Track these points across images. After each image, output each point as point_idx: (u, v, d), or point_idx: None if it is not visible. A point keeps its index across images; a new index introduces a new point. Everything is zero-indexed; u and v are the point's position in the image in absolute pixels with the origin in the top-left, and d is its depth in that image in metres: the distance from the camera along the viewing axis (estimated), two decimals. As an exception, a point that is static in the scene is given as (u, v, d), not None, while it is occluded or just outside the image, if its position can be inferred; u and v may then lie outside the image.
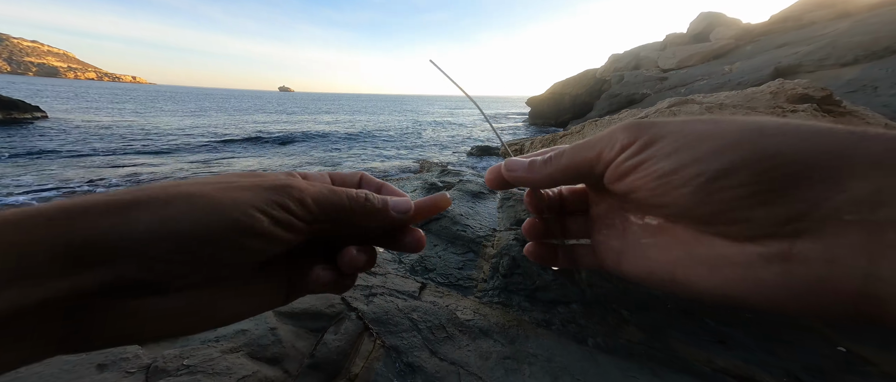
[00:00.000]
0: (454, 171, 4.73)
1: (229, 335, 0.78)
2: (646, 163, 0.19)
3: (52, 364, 0.62)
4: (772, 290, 0.16)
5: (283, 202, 0.21)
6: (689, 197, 0.18)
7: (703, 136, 0.18)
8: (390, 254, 2.16)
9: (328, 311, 1.05)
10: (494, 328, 1.23)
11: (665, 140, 0.19)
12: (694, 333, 1.15)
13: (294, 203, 0.22)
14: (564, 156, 0.24)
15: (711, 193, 0.17)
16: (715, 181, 0.17)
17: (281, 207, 0.21)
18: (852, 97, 5.79)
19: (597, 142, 0.22)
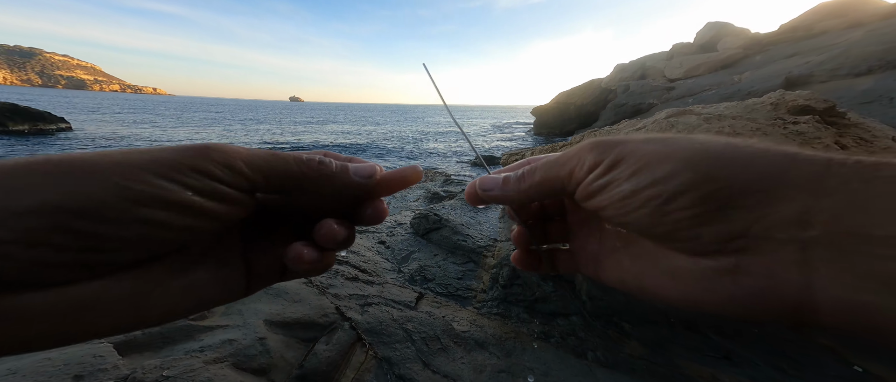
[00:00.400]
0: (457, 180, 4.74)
1: (215, 345, 0.78)
2: (610, 184, 0.21)
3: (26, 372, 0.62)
4: (724, 299, 0.18)
5: (203, 167, 0.18)
6: (647, 217, 0.19)
7: (658, 158, 0.19)
8: (390, 264, 2.15)
9: (321, 321, 1.04)
10: (491, 340, 1.21)
11: (626, 161, 0.20)
12: (698, 348, 1.11)
13: (218, 168, 0.19)
14: (537, 172, 0.25)
15: (665, 214, 0.19)
16: (668, 203, 0.19)
17: (201, 173, 0.18)
18: (867, 108, 5.64)
19: (567, 159, 0.23)
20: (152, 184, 0.17)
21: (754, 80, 9.40)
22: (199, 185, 0.18)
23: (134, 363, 0.69)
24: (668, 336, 1.19)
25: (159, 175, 0.17)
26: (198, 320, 0.86)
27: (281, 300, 1.08)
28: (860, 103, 5.92)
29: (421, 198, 3.55)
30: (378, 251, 2.21)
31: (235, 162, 0.19)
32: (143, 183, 0.16)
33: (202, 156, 0.18)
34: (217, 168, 0.19)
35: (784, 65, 9.89)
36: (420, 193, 3.82)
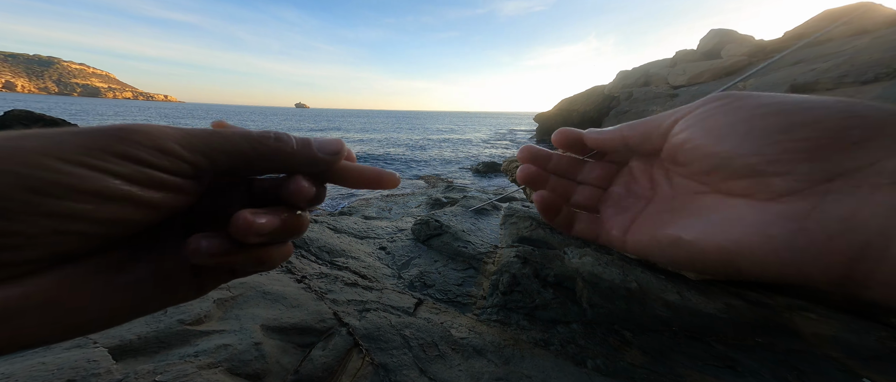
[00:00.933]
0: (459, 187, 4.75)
1: (209, 349, 0.78)
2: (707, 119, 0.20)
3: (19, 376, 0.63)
4: (773, 248, 0.16)
5: (128, 151, 0.16)
6: (741, 144, 0.18)
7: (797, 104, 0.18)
8: (390, 269, 2.15)
9: (318, 326, 1.04)
10: (489, 347, 1.19)
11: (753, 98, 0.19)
12: (700, 357, 1.09)
13: (147, 151, 0.17)
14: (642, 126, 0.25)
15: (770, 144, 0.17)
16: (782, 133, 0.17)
17: (124, 157, 0.16)
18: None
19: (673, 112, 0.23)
20: (58, 171, 0.15)
21: (759, 87, 9.36)
22: (126, 172, 0.16)
23: (127, 367, 0.69)
24: (670, 344, 1.17)
25: (72, 162, 0.15)
26: (194, 325, 0.86)
27: (279, 305, 1.08)
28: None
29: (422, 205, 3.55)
30: (378, 257, 2.21)
31: (166, 143, 0.17)
32: (49, 171, 0.14)
33: (123, 139, 0.16)
34: (145, 151, 0.17)
35: (789, 73, 9.84)
36: (422, 199, 3.83)
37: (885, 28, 11.00)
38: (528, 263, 1.90)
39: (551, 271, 1.81)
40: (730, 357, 1.06)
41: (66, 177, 0.15)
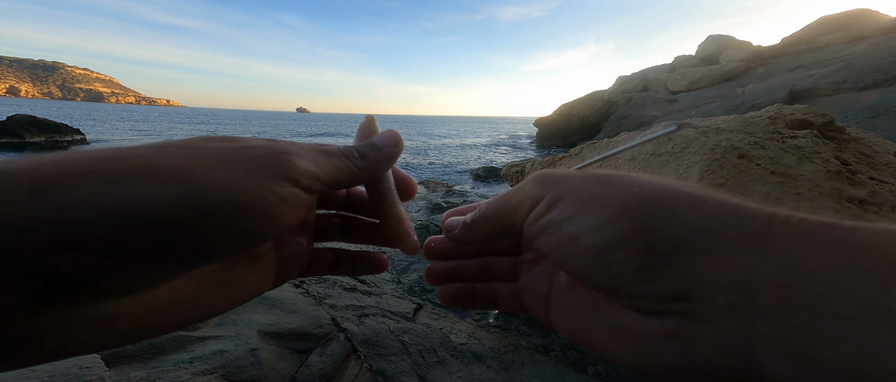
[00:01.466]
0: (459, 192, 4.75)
1: (205, 356, 0.77)
2: (551, 226, 0.19)
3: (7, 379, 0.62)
4: (668, 365, 0.16)
5: (287, 173, 0.18)
6: (589, 267, 0.17)
7: (595, 201, 0.17)
8: (389, 274, 2.13)
9: (316, 331, 1.03)
10: (489, 353, 1.18)
11: (565, 201, 0.18)
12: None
13: (302, 175, 0.18)
14: (490, 206, 0.23)
15: (605, 265, 0.17)
16: (606, 254, 0.16)
17: (285, 180, 0.17)
18: (874, 123, 5.58)
19: (515, 192, 0.21)
20: (251, 197, 0.16)
21: (757, 93, 9.40)
22: (287, 194, 0.18)
23: (120, 374, 0.68)
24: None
25: (256, 185, 0.16)
26: (190, 330, 0.85)
27: (276, 310, 1.07)
28: (866, 117, 5.87)
29: (422, 209, 3.55)
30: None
31: (311, 166, 0.19)
32: (244, 195, 0.16)
33: (286, 164, 0.18)
34: (300, 173, 0.18)
35: (787, 78, 9.90)
36: (422, 204, 3.82)
37: (883, 34, 11.09)
38: (528, 268, 1.89)
39: (552, 276, 1.80)
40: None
41: (254, 202, 0.16)
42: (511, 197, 0.22)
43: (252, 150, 0.18)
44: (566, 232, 0.18)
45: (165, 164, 0.15)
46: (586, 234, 0.17)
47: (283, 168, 0.18)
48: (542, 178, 0.20)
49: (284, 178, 0.18)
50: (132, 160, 0.15)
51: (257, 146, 0.18)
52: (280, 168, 0.18)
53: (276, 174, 0.17)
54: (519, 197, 0.21)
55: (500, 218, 0.22)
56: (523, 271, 0.25)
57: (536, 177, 0.20)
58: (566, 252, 0.18)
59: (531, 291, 0.24)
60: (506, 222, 0.22)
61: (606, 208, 0.17)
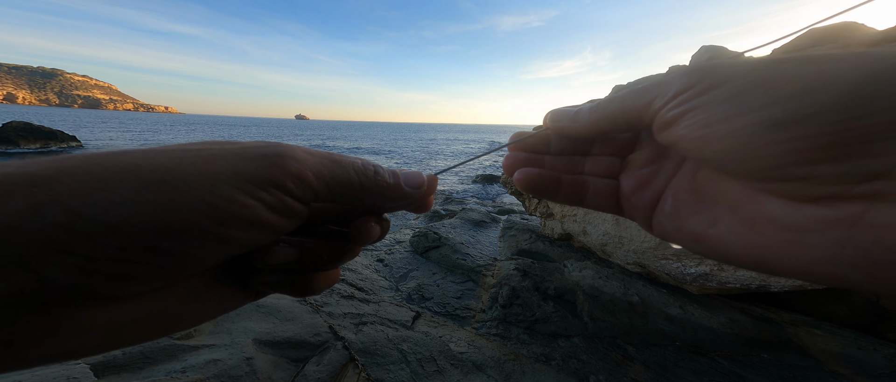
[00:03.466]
0: (458, 199, 4.75)
1: (198, 365, 0.75)
2: (693, 110, 0.17)
3: None
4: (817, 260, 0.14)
5: (277, 180, 0.17)
6: (739, 146, 0.15)
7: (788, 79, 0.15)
8: (388, 282, 2.11)
9: (313, 340, 1.01)
10: (489, 362, 1.16)
11: (729, 84, 0.16)
12: (705, 373, 1.06)
13: (292, 181, 0.17)
14: (613, 102, 0.21)
15: (770, 143, 0.14)
16: (778, 129, 0.14)
17: (275, 187, 0.17)
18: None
19: (650, 88, 0.19)
20: (237, 203, 0.16)
21: (750, 102, 9.57)
22: (273, 201, 0.17)
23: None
24: (674, 359, 1.14)
25: (243, 190, 0.16)
26: (183, 339, 0.83)
27: (272, 318, 1.05)
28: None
29: (420, 217, 3.54)
30: (376, 269, 2.17)
31: (307, 174, 0.18)
32: (228, 201, 0.15)
33: (279, 169, 0.17)
34: (291, 181, 0.17)
35: (779, 88, 10.10)
36: (420, 210, 3.81)
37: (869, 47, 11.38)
38: (527, 276, 1.87)
39: (551, 284, 1.79)
40: (735, 374, 1.04)
41: (239, 208, 0.16)
42: (645, 91, 0.20)
43: (245, 153, 0.17)
44: (711, 114, 0.16)
45: (147, 166, 0.14)
46: (745, 114, 0.15)
47: (274, 173, 0.17)
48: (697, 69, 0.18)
49: (274, 184, 0.17)
50: (114, 162, 0.14)
51: (253, 148, 0.17)
52: (270, 172, 0.17)
53: (266, 180, 0.16)
54: (655, 90, 0.19)
55: (625, 110, 0.20)
56: (630, 170, 0.23)
57: (689, 69, 0.18)
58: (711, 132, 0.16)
59: (635, 190, 0.22)
60: (631, 115, 0.20)
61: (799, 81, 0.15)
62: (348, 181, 0.20)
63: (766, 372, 1.01)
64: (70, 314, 0.14)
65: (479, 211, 3.36)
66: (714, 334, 1.23)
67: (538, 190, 0.24)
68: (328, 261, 0.22)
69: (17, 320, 0.13)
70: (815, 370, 1.00)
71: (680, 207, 0.20)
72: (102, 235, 0.13)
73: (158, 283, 0.15)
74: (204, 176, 0.15)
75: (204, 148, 0.16)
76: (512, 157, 0.25)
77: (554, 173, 0.24)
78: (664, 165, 0.22)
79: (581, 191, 0.24)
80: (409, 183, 0.23)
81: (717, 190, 0.18)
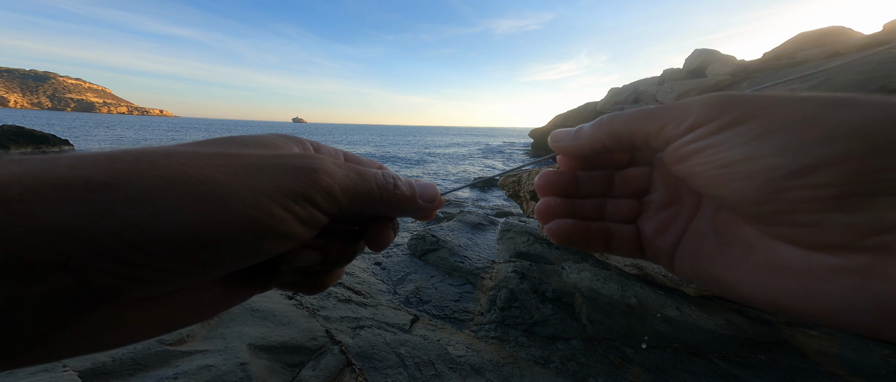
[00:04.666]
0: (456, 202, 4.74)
1: (190, 371, 0.73)
2: (715, 147, 0.17)
3: None
4: (844, 306, 0.14)
5: (310, 195, 0.17)
6: (754, 190, 0.15)
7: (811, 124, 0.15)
8: (385, 285, 2.09)
9: (309, 344, 1.00)
10: (487, 365, 1.15)
11: (753, 123, 0.16)
12: (704, 374, 1.06)
13: (322, 195, 0.18)
14: (617, 120, 0.21)
15: (784, 190, 0.15)
16: (793, 177, 0.14)
17: (307, 200, 0.17)
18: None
19: (663, 112, 0.19)
20: (274, 216, 0.16)
21: (743, 105, 9.69)
22: (304, 214, 0.17)
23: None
24: (673, 361, 1.14)
25: (280, 204, 0.16)
26: (175, 344, 0.81)
27: (268, 322, 1.04)
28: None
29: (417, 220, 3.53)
30: (373, 272, 2.16)
31: (336, 189, 0.18)
32: (268, 214, 0.16)
33: (313, 183, 0.17)
34: (321, 195, 0.18)
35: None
36: (417, 213, 3.81)
37: (857, 51, 11.63)
38: (525, 278, 1.87)
39: (549, 286, 1.78)
40: (733, 375, 1.04)
41: (277, 222, 0.16)
42: (656, 114, 0.19)
43: (283, 164, 0.17)
44: (737, 154, 0.16)
45: (198, 176, 0.15)
46: (768, 157, 0.15)
47: (307, 186, 0.17)
48: (719, 99, 0.17)
49: (306, 198, 0.17)
50: (166, 168, 0.14)
51: (289, 160, 0.18)
52: (305, 187, 0.17)
53: (300, 194, 0.17)
54: (668, 116, 0.19)
55: (631, 131, 0.20)
56: (649, 213, 0.23)
57: (712, 98, 0.18)
58: (728, 173, 0.16)
59: (657, 234, 0.22)
60: (638, 136, 0.20)
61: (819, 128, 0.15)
62: (370, 195, 0.20)
63: (763, 374, 1.01)
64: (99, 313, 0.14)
65: (477, 214, 3.36)
66: (711, 335, 1.23)
67: (570, 241, 0.24)
68: (341, 260, 0.22)
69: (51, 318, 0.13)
70: (812, 371, 1.00)
71: (699, 249, 0.20)
72: (150, 244, 0.13)
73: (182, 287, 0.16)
74: (248, 188, 0.15)
75: (244, 155, 0.17)
76: (546, 203, 0.25)
77: (584, 224, 0.25)
78: (682, 207, 0.22)
79: (608, 239, 0.24)
80: (423, 196, 0.23)
81: (733, 231, 0.18)
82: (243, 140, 0.18)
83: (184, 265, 0.14)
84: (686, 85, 14.63)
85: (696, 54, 18.52)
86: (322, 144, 0.23)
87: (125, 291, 0.14)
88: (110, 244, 0.12)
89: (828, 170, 0.14)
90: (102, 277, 0.13)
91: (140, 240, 0.13)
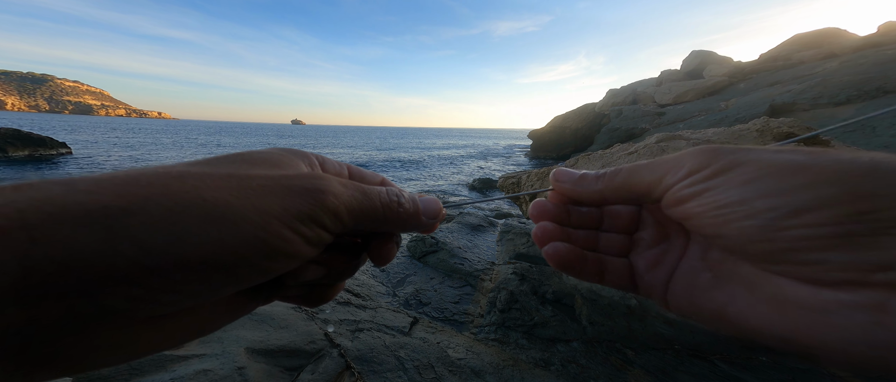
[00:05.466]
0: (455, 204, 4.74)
1: (187, 376, 0.72)
2: (710, 191, 0.18)
3: None
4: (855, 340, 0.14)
5: (317, 216, 0.18)
6: (753, 230, 0.16)
7: (793, 169, 0.16)
8: (384, 287, 2.08)
9: (308, 348, 0.99)
10: (488, 368, 1.14)
11: (742, 168, 0.17)
12: (705, 376, 1.05)
13: (328, 217, 0.18)
14: (620, 175, 0.22)
15: (782, 228, 0.16)
16: (790, 217, 0.15)
17: (314, 222, 0.18)
18: (851, 137, 5.80)
19: (660, 164, 0.21)
20: (284, 238, 0.16)
21: (741, 107, 9.75)
22: (311, 235, 0.18)
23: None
24: (674, 363, 1.14)
25: (288, 226, 0.17)
26: (172, 349, 0.80)
27: (265, 326, 1.03)
28: (843, 131, 6.10)
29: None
30: (372, 274, 2.15)
31: (341, 210, 0.19)
32: (277, 237, 0.16)
33: (320, 205, 0.18)
34: (327, 216, 0.18)
35: (767, 93, 10.32)
36: (417, 215, 3.80)
37: (851, 52, 11.71)
38: (525, 280, 1.86)
39: (549, 288, 1.78)
40: (735, 377, 1.03)
41: (285, 244, 0.17)
42: (654, 167, 0.21)
43: (291, 186, 0.18)
44: (731, 196, 0.17)
45: (211, 200, 0.15)
46: (765, 197, 0.16)
47: (314, 208, 0.18)
48: (710, 150, 0.19)
49: (313, 220, 0.18)
50: (181, 192, 0.15)
51: (297, 180, 0.18)
52: (312, 208, 0.18)
53: (307, 216, 0.17)
54: (666, 167, 0.20)
55: (633, 186, 0.22)
56: (639, 249, 0.24)
57: (702, 149, 0.19)
58: (723, 214, 0.17)
59: (648, 269, 0.23)
60: (639, 191, 0.21)
61: (810, 174, 0.16)
62: (374, 213, 0.21)
63: (765, 375, 1.01)
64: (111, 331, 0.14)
65: (477, 216, 3.35)
66: (712, 337, 1.23)
67: (567, 266, 0.25)
68: (345, 273, 0.23)
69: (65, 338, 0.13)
70: (813, 372, 1.00)
71: (694, 286, 0.21)
72: (165, 268, 0.14)
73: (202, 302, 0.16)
74: (259, 211, 0.16)
75: (254, 176, 0.17)
76: (542, 228, 0.26)
77: (580, 251, 0.25)
78: (671, 245, 0.23)
79: (602, 269, 0.25)
80: (427, 213, 0.24)
81: (729, 269, 0.19)
82: (252, 158, 0.19)
83: (195, 286, 0.15)
84: (684, 86, 14.70)
85: (693, 55, 18.63)
86: (327, 159, 0.23)
87: (137, 312, 0.14)
88: (126, 269, 0.13)
89: (824, 211, 0.15)
90: (117, 300, 0.13)
91: (155, 265, 0.13)
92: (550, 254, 0.24)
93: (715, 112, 10.52)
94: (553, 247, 0.24)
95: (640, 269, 0.24)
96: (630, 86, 18.48)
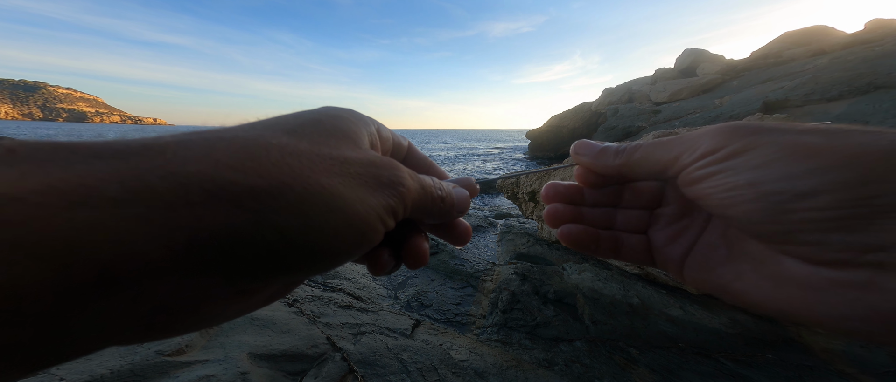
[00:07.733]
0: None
1: (191, 381, 0.71)
2: (723, 173, 0.18)
3: None
4: (844, 315, 0.16)
5: (397, 209, 0.18)
6: (760, 212, 0.17)
7: (809, 152, 0.16)
8: (385, 290, 2.07)
9: (310, 352, 0.98)
10: (491, 369, 1.13)
11: (758, 150, 0.18)
12: (710, 374, 1.05)
13: (401, 210, 0.19)
14: (639, 151, 0.23)
15: (788, 212, 0.16)
16: (796, 200, 0.16)
17: (393, 215, 0.18)
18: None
19: (678, 143, 0.21)
20: (375, 231, 0.17)
21: (735, 104, 9.84)
22: (389, 226, 0.18)
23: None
24: (679, 361, 1.13)
25: (381, 219, 0.17)
26: (174, 355, 0.79)
27: (268, 330, 1.01)
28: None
29: (417, 222, 3.51)
30: (373, 277, 2.13)
31: (408, 204, 0.19)
32: (373, 230, 0.17)
33: (400, 199, 0.18)
34: (401, 209, 0.19)
35: (760, 90, 10.42)
36: (416, 216, 3.78)
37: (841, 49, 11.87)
38: (527, 280, 1.85)
39: (551, 287, 1.77)
40: (740, 374, 1.03)
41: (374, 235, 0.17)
42: (671, 145, 0.21)
43: (381, 177, 0.18)
44: (742, 179, 0.18)
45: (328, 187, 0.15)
46: (776, 181, 0.17)
47: (397, 203, 0.18)
48: (729, 129, 0.19)
49: (393, 213, 0.18)
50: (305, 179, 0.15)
51: (385, 172, 0.18)
52: (396, 203, 0.18)
53: (392, 210, 0.18)
54: (683, 146, 0.21)
55: (649, 163, 0.22)
56: (660, 224, 0.25)
57: (721, 128, 0.20)
58: (734, 196, 0.18)
59: (667, 244, 0.24)
60: (656, 167, 0.22)
61: (817, 158, 0.16)
62: (425, 208, 0.21)
63: (772, 373, 1.01)
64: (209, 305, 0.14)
65: (476, 216, 3.35)
66: (716, 335, 1.23)
67: (580, 245, 0.25)
68: None
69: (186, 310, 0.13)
70: (820, 369, 1.00)
71: (709, 260, 0.22)
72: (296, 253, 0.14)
73: None
74: (363, 203, 0.16)
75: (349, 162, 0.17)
76: (553, 209, 0.27)
77: (593, 230, 0.26)
78: (693, 221, 0.24)
79: (617, 246, 0.26)
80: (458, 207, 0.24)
81: (742, 246, 0.20)
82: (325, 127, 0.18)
83: (306, 269, 0.15)
84: (678, 84, 14.82)
85: (686, 54, 18.80)
86: (381, 125, 0.23)
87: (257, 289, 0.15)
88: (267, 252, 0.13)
89: (827, 195, 0.16)
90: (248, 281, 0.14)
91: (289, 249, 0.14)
92: (564, 235, 0.25)
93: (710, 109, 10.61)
94: (567, 229, 0.25)
95: (658, 243, 0.25)
96: (625, 84, 18.61)
